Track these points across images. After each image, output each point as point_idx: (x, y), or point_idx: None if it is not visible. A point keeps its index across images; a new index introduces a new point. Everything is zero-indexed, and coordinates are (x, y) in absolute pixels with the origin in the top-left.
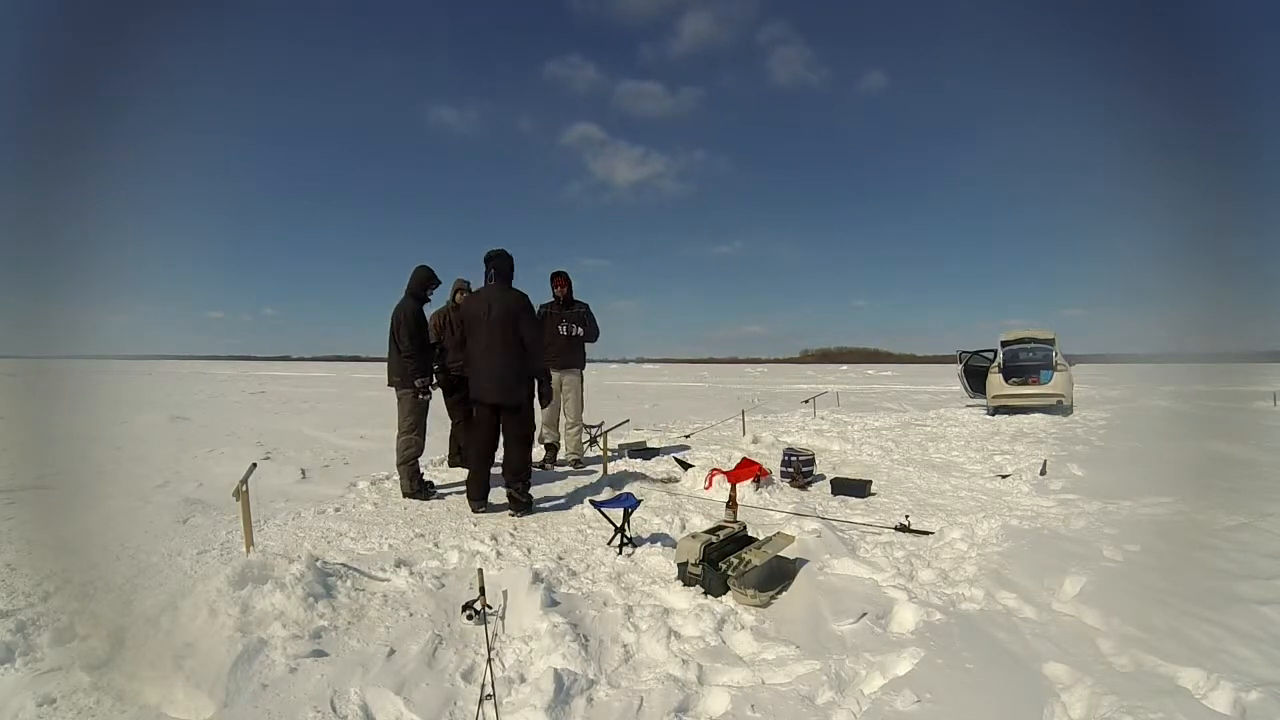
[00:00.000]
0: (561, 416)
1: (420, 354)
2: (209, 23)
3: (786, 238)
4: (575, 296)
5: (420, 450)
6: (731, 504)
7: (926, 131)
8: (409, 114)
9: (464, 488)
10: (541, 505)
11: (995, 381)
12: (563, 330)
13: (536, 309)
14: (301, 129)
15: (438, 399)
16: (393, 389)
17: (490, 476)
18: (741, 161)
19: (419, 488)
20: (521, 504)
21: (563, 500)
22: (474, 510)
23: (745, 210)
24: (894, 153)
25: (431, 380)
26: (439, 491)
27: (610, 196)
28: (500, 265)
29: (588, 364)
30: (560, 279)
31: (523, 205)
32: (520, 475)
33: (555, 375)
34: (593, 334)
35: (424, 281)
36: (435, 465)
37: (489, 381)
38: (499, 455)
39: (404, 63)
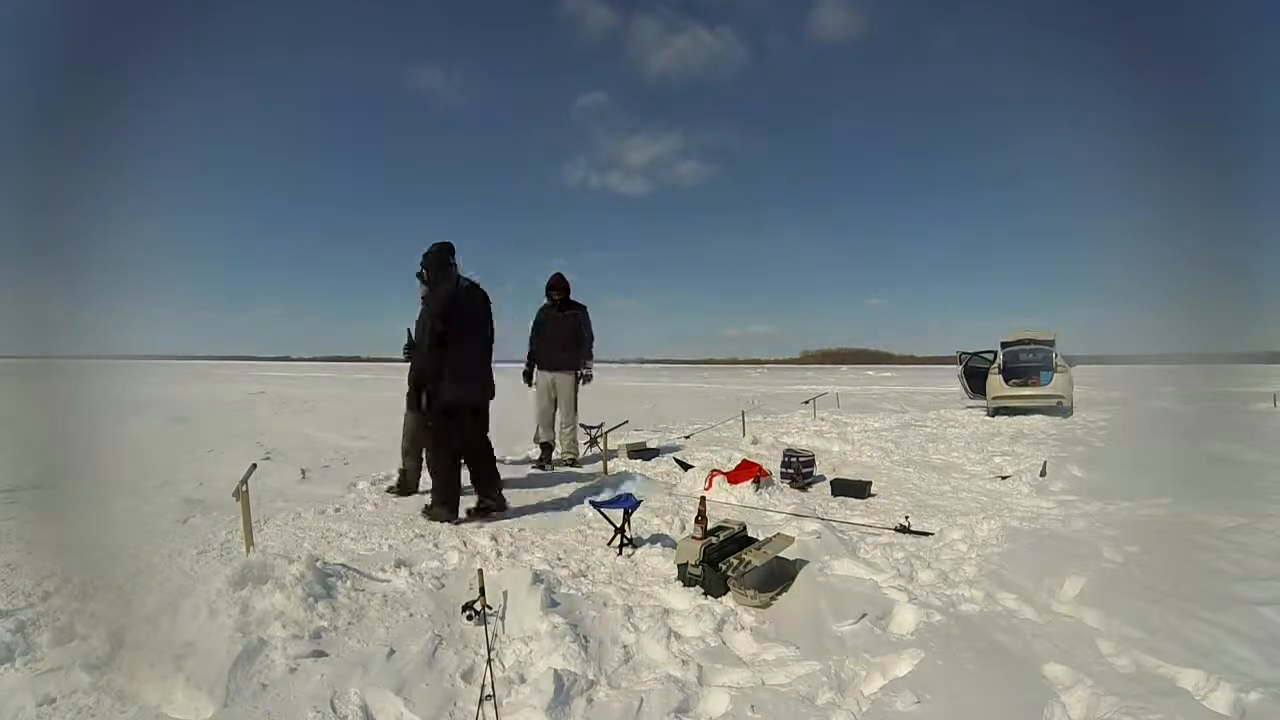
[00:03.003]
0: (557, 416)
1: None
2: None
3: (801, 229)
4: (573, 297)
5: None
6: (701, 519)
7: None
8: (385, 75)
9: (466, 490)
10: (541, 505)
11: (995, 382)
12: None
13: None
14: (256, 100)
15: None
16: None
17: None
18: (763, 141)
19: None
20: (497, 505)
21: (562, 500)
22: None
23: (763, 198)
24: (933, 131)
25: None
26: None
27: (619, 177)
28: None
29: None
30: (555, 282)
31: (519, 188)
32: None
33: (549, 376)
34: (589, 338)
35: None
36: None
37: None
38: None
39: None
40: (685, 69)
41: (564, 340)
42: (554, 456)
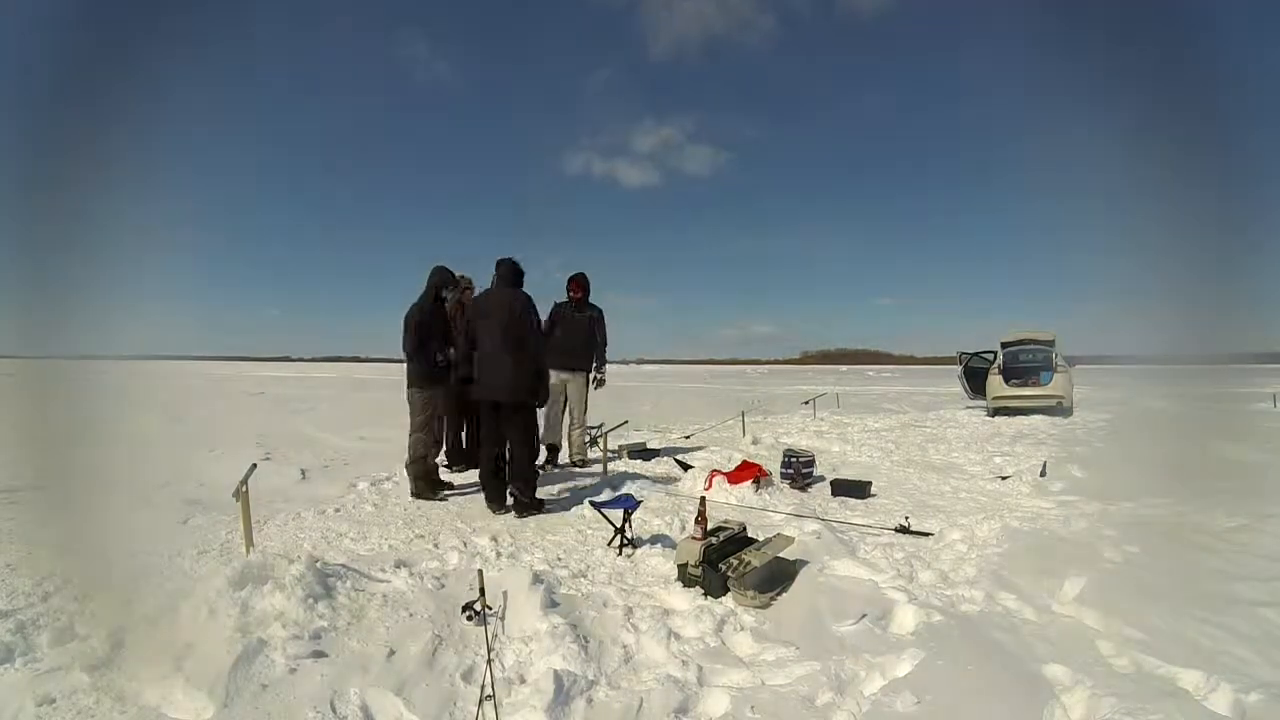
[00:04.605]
0: (565, 418)
1: (417, 353)
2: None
3: (811, 225)
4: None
5: (427, 450)
6: (701, 519)
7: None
8: (365, 43)
9: (467, 489)
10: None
11: (995, 383)
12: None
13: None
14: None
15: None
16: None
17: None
18: (779, 126)
19: (426, 488)
20: (524, 505)
21: (563, 501)
22: (495, 513)
23: (774, 189)
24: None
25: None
26: (442, 493)
27: (624, 164)
28: (505, 271)
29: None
30: (576, 282)
31: (514, 177)
32: (523, 477)
33: (561, 376)
34: (602, 341)
35: (444, 281)
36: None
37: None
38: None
39: None
40: (705, 37)
41: (580, 341)
42: (560, 459)
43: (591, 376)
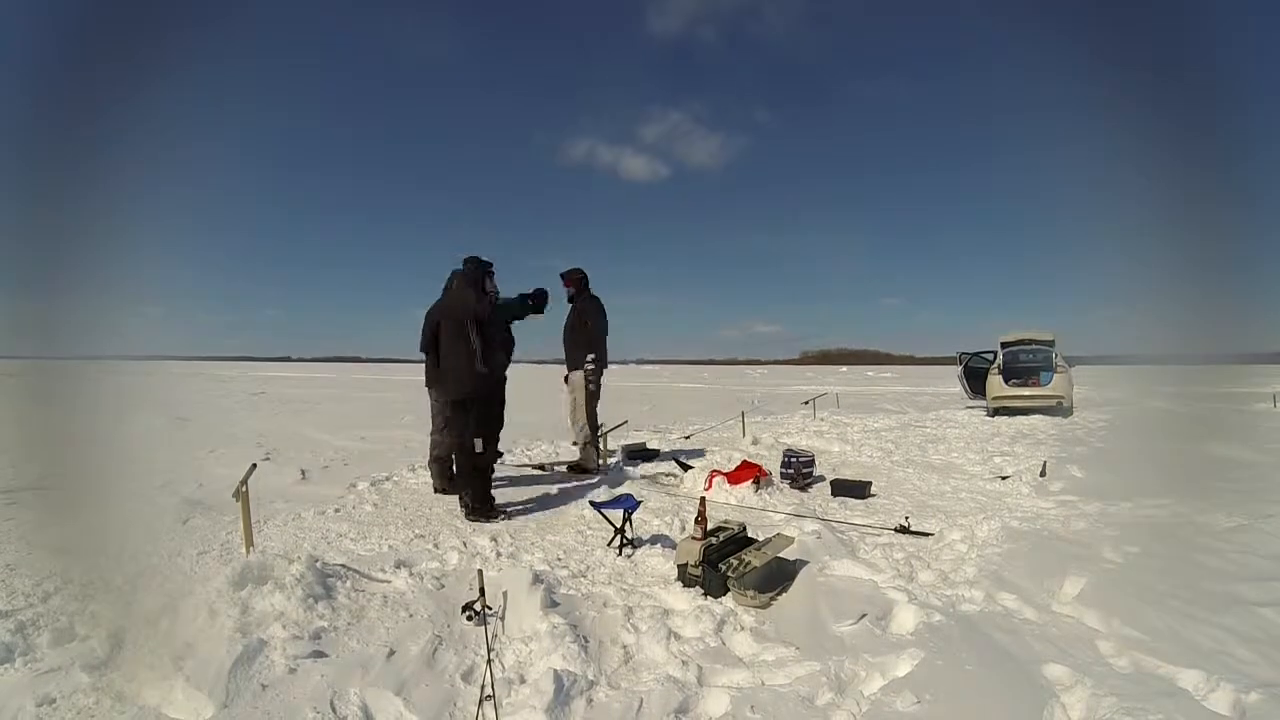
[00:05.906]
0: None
1: None
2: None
3: (822, 221)
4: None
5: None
6: (700, 519)
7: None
8: (360, 29)
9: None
10: (541, 506)
11: (995, 383)
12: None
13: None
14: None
15: None
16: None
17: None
18: (796, 114)
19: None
20: (467, 508)
21: (563, 501)
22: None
23: (780, 184)
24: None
25: None
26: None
27: (630, 153)
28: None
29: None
30: (568, 277)
31: (512, 173)
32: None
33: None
34: (594, 332)
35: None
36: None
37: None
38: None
39: None
40: (727, 10)
41: (570, 338)
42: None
43: (585, 370)
